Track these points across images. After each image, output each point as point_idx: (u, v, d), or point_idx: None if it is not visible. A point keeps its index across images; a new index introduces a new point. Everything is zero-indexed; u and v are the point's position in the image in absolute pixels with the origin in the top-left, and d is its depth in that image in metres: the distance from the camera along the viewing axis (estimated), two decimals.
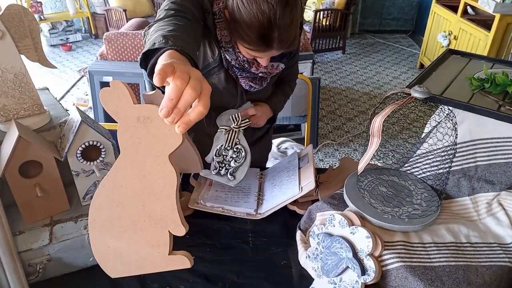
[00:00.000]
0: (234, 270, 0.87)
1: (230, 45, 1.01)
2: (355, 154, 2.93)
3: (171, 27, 0.77)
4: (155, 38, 0.71)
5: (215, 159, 1.02)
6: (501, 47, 3.22)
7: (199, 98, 0.49)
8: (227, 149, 1.01)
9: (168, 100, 0.48)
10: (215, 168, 1.01)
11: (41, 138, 0.87)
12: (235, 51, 1.01)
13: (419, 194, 0.91)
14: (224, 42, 1.00)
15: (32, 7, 4.72)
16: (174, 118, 0.48)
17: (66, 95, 3.84)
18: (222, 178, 1.01)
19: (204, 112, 0.49)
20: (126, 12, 4.65)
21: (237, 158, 1.00)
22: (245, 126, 1.04)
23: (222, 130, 1.03)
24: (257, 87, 1.11)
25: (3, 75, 0.86)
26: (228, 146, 1.01)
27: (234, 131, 1.02)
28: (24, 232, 0.83)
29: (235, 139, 1.01)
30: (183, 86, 0.48)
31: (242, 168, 1.00)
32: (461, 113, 0.92)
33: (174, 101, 0.48)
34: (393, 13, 5.71)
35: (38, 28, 0.91)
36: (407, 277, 0.72)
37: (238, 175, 1.00)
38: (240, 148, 1.00)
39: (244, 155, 0.99)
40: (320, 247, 0.82)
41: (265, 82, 1.13)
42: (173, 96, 0.47)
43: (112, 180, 0.55)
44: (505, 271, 0.75)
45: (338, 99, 3.79)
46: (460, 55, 1.19)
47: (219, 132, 1.04)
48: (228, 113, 1.06)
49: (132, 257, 0.59)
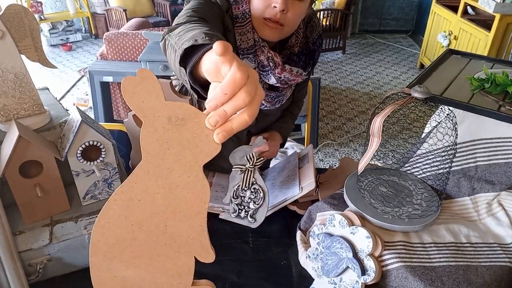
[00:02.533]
0: (234, 270, 0.87)
1: (252, 50, 0.97)
2: (355, 154, 2.93)
3: (205, 28, 0.68)
4: (194, 35, 0.62)
5: (233, 201, 1.00)
6: (501, 47, 3.22)
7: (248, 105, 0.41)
8: (244, 189, 0.99)
9: (221, 94, 0.39)
10: (234, 211, 0.99)
11: (41, 138, 0.87)
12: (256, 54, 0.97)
13: (419, 194, 0.91)
14: (245, 48, 0.97)
15: (32, 7, 4.72)
16: (217, 121, 0.41)
17: (66, 95, 3.84)
18: (243, 220, 0.99)
19: (249, 123, 0.41)
20: (126, 12, 4.65)
21: (255, 199, 0.97)
22: (260, 164, 1.01)
23: (237, 170, 1.00)
24: (268, 106, 1.07)
25: (3, 75, 0.86)
26: (245, 187, 0.99)
27: (250, 170, 0.99)
28: (24, 232, 0.83)
29: (251, 179, 0.99)
30: (242, 83, 0.40)
31: (262, 209, 0.97)
32: (461, 113, 0.92)
33: (227, 96, 0.40)
34: (393, 13, 5.71)
35: (38, 28, 0.91)
36: (407, 277, 0.72)
37: (259, 217, 0.98)
38: (257, 189, 0.98)
39: (263, 195, 0.97)
40: (320, 247, 0.82)
41: (278, 103, 1.09)
42: (228, 90, 0.39)
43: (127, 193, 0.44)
44: (505, 271, 0.75)
45: (338, 99, 3.79)
46: (460, 55, 1.19)
47: (234, 171, 1.01)
48: (241, 151, 1.02)
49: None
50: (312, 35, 1.07)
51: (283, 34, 0.98)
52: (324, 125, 3.30)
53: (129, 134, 1.15)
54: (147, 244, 0.46)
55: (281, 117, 1.25)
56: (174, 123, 0.41)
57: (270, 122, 1.22)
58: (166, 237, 0.46)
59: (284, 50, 1.04)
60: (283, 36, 0.98)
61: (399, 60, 4.80)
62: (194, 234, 0.46)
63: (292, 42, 1.03)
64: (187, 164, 0.43)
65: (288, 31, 0.98)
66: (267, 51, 0.98)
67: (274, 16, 0.92)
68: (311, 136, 2.73)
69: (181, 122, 0.41)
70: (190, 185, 0.44)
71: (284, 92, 1.07)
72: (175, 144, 0.42)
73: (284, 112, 1.25)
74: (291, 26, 0.96)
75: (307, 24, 1.07)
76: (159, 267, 0.47)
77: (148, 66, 2.36)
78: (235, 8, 0.95)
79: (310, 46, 1.06)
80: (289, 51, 1.03)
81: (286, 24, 0.94)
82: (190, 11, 0.83)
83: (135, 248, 0.46)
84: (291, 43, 1.03)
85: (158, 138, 0.42)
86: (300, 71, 1.03)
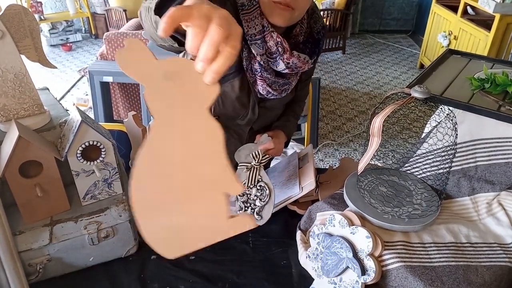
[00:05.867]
0: (234, 270, 0.87)
1: (260, 36, 0.96)
2: (355, 154, 2.93)
3: None
4: None
5: (239, 199, 0.99)
6: (501, 47, 3.22)
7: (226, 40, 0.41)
8: (250, 187, 0.99)
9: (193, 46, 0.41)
10: (240, 209, 0.99)
11: (41, 138, 0.87)
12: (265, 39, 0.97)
13: (419, 194, 0.91)
14: (253, 34, 0.96)
15: (32, 7, 4.72)
16: (202, 66, 0.41)
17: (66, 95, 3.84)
18: None
19: (234, 54, 0.41)
20: (126, 12, 4.65)
21: (261, 197, 0.97)
22: (266, 162, 1.01)
23: (243, 167, 1.00)
24: (275, 95, 1.06)
25: (3, 75, 0.86)
26: (251, 185, 0.99)
27: (256, 168, 0.99)
28: (24, 232, 0.83)
29: (257, 176, 0.99)
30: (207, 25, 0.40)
31: (268, 206, 0.97)
32: (461, 113, 0.92)
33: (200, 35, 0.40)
34: (393, 13, 5.71)
35: (38, 28, 0.91)
36: (407, 277, 0.72)
37: (265, 214, 0.97)
38: (263, 186, 0.98)
39: (268, 193, 0.97)
40: (320, 247, 0.82)
41: (284, 92, 1.08)
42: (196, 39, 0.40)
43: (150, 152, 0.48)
44: (505, 271, 0.75)
45: (338, 99, 3.79)
46: (460, 55, 1.19)
47: (240, 169, 1.01)
48: (247, 149, 1.02)
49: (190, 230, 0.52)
50: (316, 25, 1.07)
51: (293, 19, 0.97)
52: (324, 125, 3.30)
53: (129, 134, 1.15)
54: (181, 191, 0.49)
55: (284, 116, 1.24)
56: (170, 78, 0.44)
57: (272, 118, 1.22)
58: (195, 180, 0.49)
59: (289, 39, 1.04)
60: (293, 20, 0.98)
61: (399, 60, 4.80)
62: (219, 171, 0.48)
63: (296, 31, 1.03)
64: (194, 111, 0.46)
65: (298, 15, 0.97)
66: (276, 36, 0.97)
67: (285, 0, 0.91)
68: (311, 136, 2.73)
69: (176, 75, 0.44)
70: (201, 129, 0.46)
71: (291, 80, 1.07)
72: (177, 96, 0.45)
73: (287, 111, 1.25)
74: (301, 10, 0.96)
75: (311, 15, 1.08)
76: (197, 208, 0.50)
77: None
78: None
79: (314, 35, 1.07)
80: (294, 40, 1.03)
81: (297, 8, 0.94)
82: None
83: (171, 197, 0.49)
84: (295, 32, 1.03)
85: (160, 96, 0.45)
86: (307, 58, 1.03)
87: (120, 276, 0.88)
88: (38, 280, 0.83)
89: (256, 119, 1.11)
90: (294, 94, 1.17)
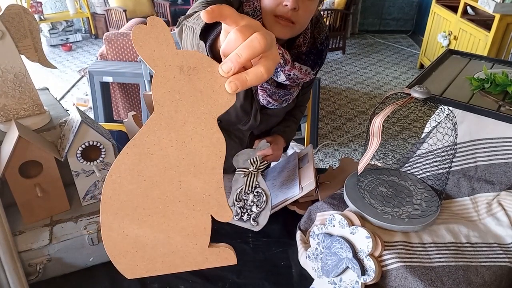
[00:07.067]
0: (234, 270, 0.87)
1: None
2: (355, 154, 2.93)
3: None
4: None
5: (236, 204, 1.00)
6: (501, 47, 3.22)
7: (262, 58, 0.38)
8: (247, 193, 0.99)
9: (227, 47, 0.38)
10: (237, 214, 0.99)
11: (41, 138, 0.87)
12: None
13: (419, 194, 0.91)
14: None
15: (32, 7, 4.72)
16: (230, 67, 0.38)
17: (66, 95, 3.84)
18: (245, 223, 0.99)
19: (265, 78, 0.38)
20: (126, 12, 4.65)
21: (258, 203, 0.98)
22: (264, 168, 1.02)
23: (241, 173, 1.01)
24: (275, 105, 1.06)
25: (3, 75, 0.86)
26: (248, 190, 0.99)
27: (253, 174, 1.00)
28: (24, 232, 0.83)
29: (254, 182, 0.99)
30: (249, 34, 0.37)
31: (264, 212, 0.98)
32: (461, 113, 0.92)
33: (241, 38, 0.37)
34: (393, 13, 5.72)
35: (38, 28, 0.91)
36: (407, 277, 0.72)
37: (261, 220, 0.98)
38: (260, 192, 0.98)
39: (265, 199, 0.97)
40: (320, 247, 0.82)
41: (285, 102, 1.09)
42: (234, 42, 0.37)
43: (139, 146, 0.41)
44: (505, 271, 0.75)
45: (338, 99, 3.79)
46: (460, 55, 1.19)
47: (237, 174, 1.01)
48: (245, 154, 1.03)
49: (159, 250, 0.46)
50: (320, 35, 1.07)
51: (294, 32, 0.97)
52: (324, 125, 3.30)
53: (129, 134, 1.15)
54: (161, 201, 0.43)
55: (284, 121, 1.24)
56: (186, 72, 0.40)
57: (273, 124, 1.22)
58: (180, 193, 0.43)
59: (291, 49, 1.03)
60: (294, 33, 0.98)
61: (399, 60, 4.80)
62: (210, 190, 0.43)
63: (299, 42, 1.03)
64: (201, 116, 0.41)
65: (299, 29, 0.98)
66: (278, 47, 0.97)
67: (286, 14, 0.92)
68: (311, 136, 2.73)
69: (193, 71, 0.39)
70: (204, 138, 0.41)
71: (292, 91, 1.07)
72: (187, 94, 0.40)
73: (287, 116, 1.25)
74: (302, 24, 0.96)
75: (315, 25, 1.07)
76: (173, 226, 0.44)
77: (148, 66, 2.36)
78: (246, 5, 0.95)
79: (318, 46, 1.06)
80: (296, 50, 1.03)
81: (297, 22, 0.94)
82: (204, 2, 0.86)
83: (147, 205, 0.43)
84: (298, 43, 1.03)
85: (169, 88, 0.40)
86: (308, 69, 1.03)
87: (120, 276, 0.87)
88: (38, 280, 0.83)
89: (257, 125, 1.11)
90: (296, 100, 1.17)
